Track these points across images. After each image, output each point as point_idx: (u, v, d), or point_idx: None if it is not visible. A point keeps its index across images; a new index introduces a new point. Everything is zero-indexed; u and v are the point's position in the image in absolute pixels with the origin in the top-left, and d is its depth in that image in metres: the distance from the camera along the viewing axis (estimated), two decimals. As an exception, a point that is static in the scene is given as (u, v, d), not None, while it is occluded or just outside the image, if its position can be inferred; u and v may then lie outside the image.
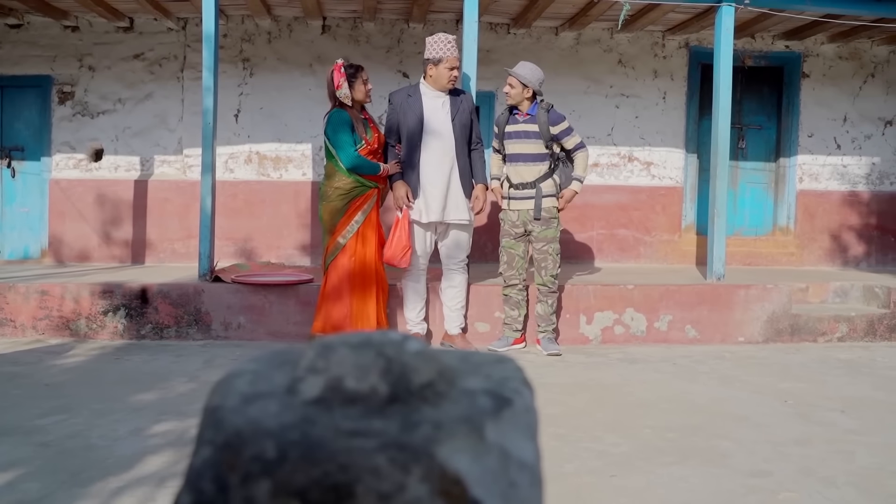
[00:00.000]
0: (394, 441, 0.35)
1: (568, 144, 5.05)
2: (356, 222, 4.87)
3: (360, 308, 4.88)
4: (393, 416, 0.37)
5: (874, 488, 2.85)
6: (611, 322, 5.56)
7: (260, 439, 0.35)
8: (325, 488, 0.33)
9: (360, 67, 4.94)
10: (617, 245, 7.29)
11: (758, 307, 5.64)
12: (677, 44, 7.30)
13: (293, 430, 0.35)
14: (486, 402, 0.38)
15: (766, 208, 7.61)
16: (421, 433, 0.35)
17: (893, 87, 7.54)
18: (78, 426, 3.36)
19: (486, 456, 0.36)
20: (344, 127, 4.79)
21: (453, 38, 4.98)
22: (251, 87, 6.93)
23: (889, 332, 5.76)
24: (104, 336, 5.20)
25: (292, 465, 0.34)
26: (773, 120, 7.59)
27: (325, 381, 0.38)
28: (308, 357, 0.39)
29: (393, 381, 0.38)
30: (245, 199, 6.91)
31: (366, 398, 0.37)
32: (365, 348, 0.39)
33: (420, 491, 0.34)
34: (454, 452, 0.35)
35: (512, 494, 0.36)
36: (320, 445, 0.34)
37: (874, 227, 7.56)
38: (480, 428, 0.37)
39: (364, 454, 0.34)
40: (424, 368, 0.39)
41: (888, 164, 7.58)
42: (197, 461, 0.36)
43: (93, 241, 6.82)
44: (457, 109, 4.96)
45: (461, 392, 0.39)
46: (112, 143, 6.89)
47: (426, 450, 0.35)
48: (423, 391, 0.38)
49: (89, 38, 6.84)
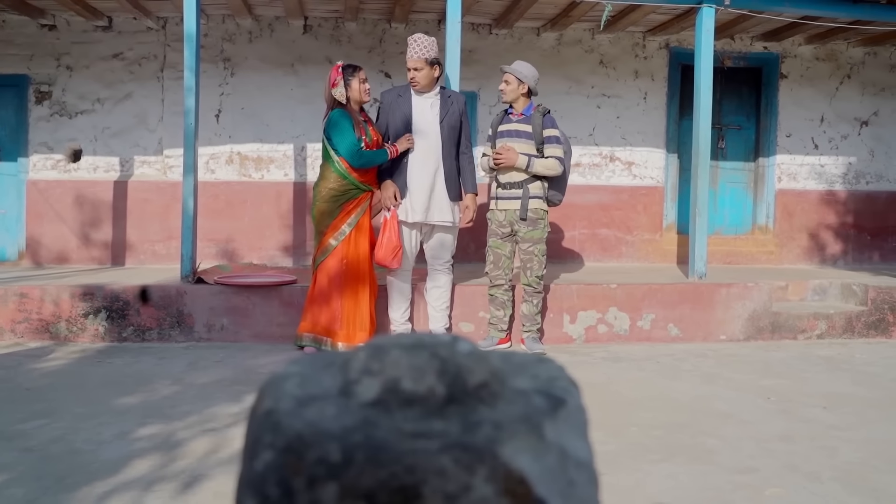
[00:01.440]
0: (457, 442, 0.35)
1: (547, 151, 4.98)
2: (348, 225, 4.85)
3: (351, 309, 4.86)
4: (452, 416, 0.37)
5: (858, 483, 2.89)
6: (594, 321, 5.59)
7: (323, 442, 0.34)
8: (392, 490, 0.33)
9: (359, 67, 4.93)
10: (599, 244, 7.33)
11: (739, 305, 5.70)
12: (658, 44, 7.36)
13: (356, 432, 0.35)
14: (542, 402, 0.39)
15: (746, 208, 7.70)
16: (483, 433, 0.35)
17: (869, 88, 7.66)
18: (61, 430, 3.31)
19: (546, 455, 0.36)
20: (346, 124, 4.74)
21: (416, 38, 4.87)
22: (232, 87, 6.88)
23: (867, 329, 5.85)
24: (85, 339, 5.14)
25: (358, 467, 0.33)
26: (752, 120, 7.67)
27: (381, 383, 0.38)
28: (360, 359, 0.39)
29: (449, 382, 0.38)
30: (226, 200, 6.86)
31: (423, 400, 0.37)
32: (418, 350, 0.39)
33: (486, 491, 0.34)
34: (516, 452, 0.35)
35: (571, 493, 0.36)
36: (385, 447, 0.34)
37: (851, 225, 7.67)
38: (539, 427, 0.37)
39: (429, 455, 0.34)
40: (478, 369, 0.39)
41: (864, 163, 7.70)
42: (258, 465, 0.36)
43: (72, 242, 6.74)
44: (446, 111, 4.94)
45: (514, 392, 0.39)
46: (91, 144, 6.81)
47: (489, 450, 0.35)
48: (479, 392, 0.38)
49: (67, 37, 6.75)
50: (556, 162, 4.97)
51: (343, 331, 4.84)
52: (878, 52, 7.65)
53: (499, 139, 5.06)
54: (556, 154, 4.98)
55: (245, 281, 5.40)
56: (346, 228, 4.84)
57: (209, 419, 3.51)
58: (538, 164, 4.94)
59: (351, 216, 4.86)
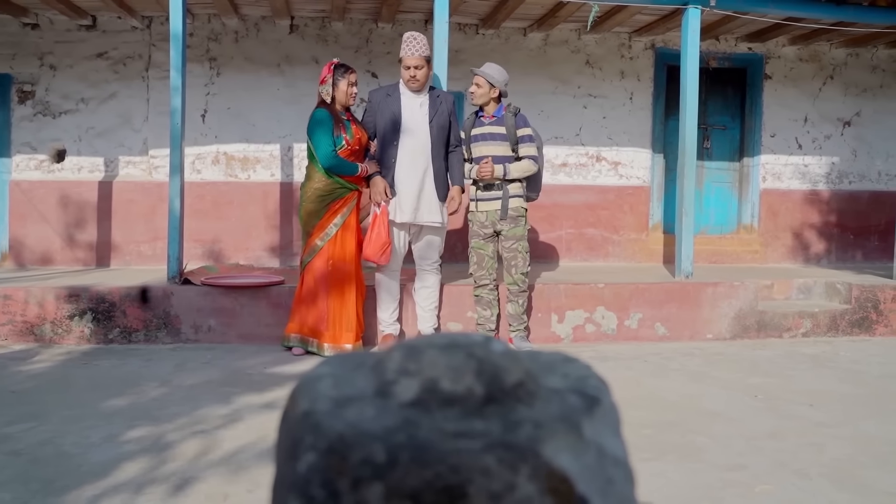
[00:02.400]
0: (499, 441, 0.35)
1: (521, 151, 5.00)
2: (335, 225, 4.83)
3: (337, 310, 4.85)
4: (492, 416, 0.37)
5: (846, 479, 2.92)
6: (582, 321, 5.61)
7: (366, 443, 0.34)
8: (438, 490, 0.33)
9: (351, 69, 4.90)
10: (585, 244, 7.36)
11: (725, 304, 5.74)
12: (643, 45, 7.40)
13: (398, 432, 0.35)
14: (577, 401, 0.39)
15: (731, 207, 7.75)
16: (524, 433, 0.36)
17: (851, 88, 7.74)
18: (48, 433, 3.28)
19: (585, 454, 0.36)
20: (323, 126, 4.73)
21: (415, 36, 4.85)
22: (218, 86, 6.84)
23: (851, 328, 5.91)
24: (70, 341, 5.09)
25: (403, 468, 0.33)
26: (737, 120, 7.73)
27: (419, 383, 0.38)
28: (395, 360, 0.39)
29: (487, 382, 0.38)
30: (212, 201, 6.82)
31: (462, 400, 0.37)
32: (453, 350, 0.38)
33: (529, 490, 0.34)
34: (557, 451, 0.36)
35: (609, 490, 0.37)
36: (429, 447, 0.34)
37: (834, 225, 7.75)
38: (578, 426, 0.37)
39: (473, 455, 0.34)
40: (513, 368, 0.39)
41: (847, 163, 7.78)
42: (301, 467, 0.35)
43: (56, 243, 6.67)
44: (435, 111, 4.93)
45: (549, 391, 0.40)
46: (75, 144, 6.74)
47: (532, 449, 0.35)
48: (516, 391, 0.38)
49: (50, 36, 6.69)
50: (531, 162, 5.01)
51: (329, 331, 4.83)
52: (860, 54, 7.73)
53: (473, 143, 5.06)
54: (530, 153, 5.02)
55: (232, 282, 5.38)
56: (331, 229, 4.82)
57: (198, 421, 3.49)
58: (514, 170, 4.98)
59: (337, 216, 4.84)
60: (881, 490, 2.84)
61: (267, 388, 4.08)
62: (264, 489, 2.73)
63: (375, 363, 0.41)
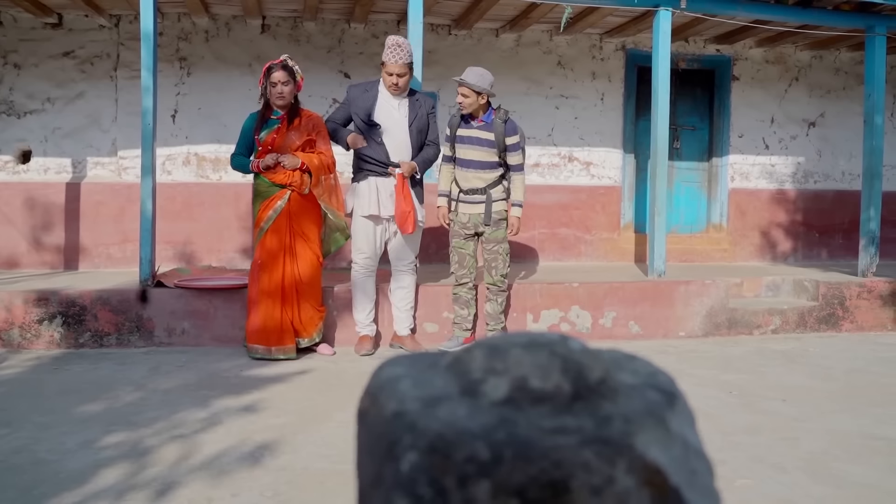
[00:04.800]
0: (594, 436, 0.36)
1: (510, 160, 5.03)
2: (262, 228, 4.80)
3: (263, 317, 4.75)
4: (581, 412, 0.37)
5: (821, 472, 2.99)
6: (557, 320, 5.65)
7: (468, 441, 0.35)
8: (543, 485, 0.34)
9: (271, 67, 4.75)
10: (558, 244, 7.41)
11: (697, 302, 5.83)
12: (614, 46, 7.48)
13: (498, 430, 0.35)
14: (657, 396, 0.40)
15: (700, 206, 7.87)
16: (616, 427, 0.36)
17: (816, 90, 7.90)
18: (22, 440, 3.21)
19: (672, 446, 0.37)
20: (243, 129, 4.95)
21: (399, 43, 4.77)
22: (189, 86, 6.76)
23: (818, 324, 6.04)
24: (40, 346, 4.99)
25: (508, 464, 0.34)
26: (706, 121, 7.85)
27: (509, 381, 0.38)
28: (478, 359, 0.40)
29: (573, 379, 0.38)
30: (183, 202, 6.73)
31: (552, 397, 0.38)
32: (537, 348, 0.39)
33: (628, 483, 0.35)
34: (648, 444, 0.36)
35: (694, 482, 0.38)
36: (531, 444, 0.35)
37: (800, 223, 7.91)
38: (664, 420, 0.38)
39: (572, 450, 0.34)
40: (594, 366, 0.40)
41: (812, 163, 7.94)
42: (404, 466, 0.36)
43: (21, 246, 6.53)
44: (415, 114, 4.92)
45: (626, 387, 0.40)
46: (41, 145, 6.61)
47: (625, 443, 0.36)
48: (599, 387, 0.39)
49: (14, 34, 6.54)
50: (521, 176, 5.10)
51: (257, 335, 4.76)
52: (823, 56, 7.90)
53: (458, 143, 5.05)
54: (517, 163, 5.06)
55: (206, 284, 5.32)
56: (261, 230, 4.81)
57: (177, 425, 3.44)
58: (519, 197, 5.09)
59: (265, 216, 4.79)
60: (856, 482, 2.90)
61: (245, 391, 4.05)
62: (248, 493, 2.70)
63: (451, 363, 0.41)
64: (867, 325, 6.13)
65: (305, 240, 4.86)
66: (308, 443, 3.24)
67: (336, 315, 5.27)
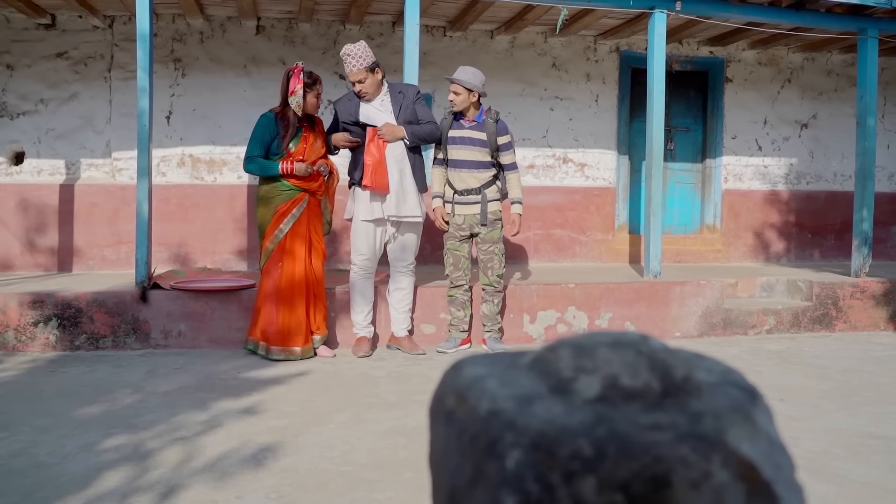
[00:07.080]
0: (689, 432, 0.36)
1: (503, 159, 5.06)
2: (280, 230, 4.79)
3: (287, 317, 4.78)
4: (671, 409, 0.38)
5: (822, 470, 3.01)
6: (553, 320, 5.66)
7: (570, 438, 0.35)
8: (645, 480, 0.34)
9: (319, 80, 4.85)
10: (553, 245, 7.43)
11: (692, 303, 5.86)
12: (609, 48, 7.50)
13: (598, 427, 0.36)
14: (739, 393, 0.40)
15: (694, 207, 7.91)
16: (708, 423, 0.37)
17: (808, 92, 7.96)
18: (22, 444, 3.19)
19: (760, 442, 0.38)
20: (261, 132, 4.76)
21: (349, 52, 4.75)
22: (183, 88, 6.74)
23: (812, 324, 6.08)
24: (35, 348, 4.96)
25: (612, 460, 0.34)
26: (700, 122, 7.89)
27: (601, 380, 0.39)
28: (565, 358, 0.40)
29: (660, 377, 0.39)
30: (178, 204, 6.71)
31: (642, 394, 0.38)
32: (623, 347, 0.40)
33: (724, 477, 0.35)
34: (740, 439, 0.37)
35: (780, 476, 0.38)
36: (631, 440, 0.35)
37: (793, 224, 7.96)
38: (751, 416, 0.39)
39: (670, 445, 0.35)
40: (678, 364, 0.40)
41: (804, 164, 8.00)
42: (510, 464, 0.36)
43: (15, 248, 6.49)
44: (399, 106, 4.93)
45: (707, 385, 0.41)
46: (34, 146, 6.57)
47: (719, 438, 0.36)
48: (685, 384, 0.40)
49: (7, 35, 6.50)
50: (516, 175, 5.11)
51: (278, 336, 4.77)
52: (815, 58, 7.96)
53: (450, 144, 5.06)
54: (510, 161, 5.08)
55: (202, 286, 5.30)
56: (279, 233, 4.79)
57: (177, 427, 3.43)
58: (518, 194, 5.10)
59: (285, 219, 4.78)
60: (856, 481, 2.93)
61: (244, 393, 4.04)
62: (252, 495, 2.70)
63: (533, 362, 0.42)
64: (860, 324, 6.18)
65: (318, 240, 4.93)
66: (310, 444, 3.24)
67: (334, 317, 5.27)
